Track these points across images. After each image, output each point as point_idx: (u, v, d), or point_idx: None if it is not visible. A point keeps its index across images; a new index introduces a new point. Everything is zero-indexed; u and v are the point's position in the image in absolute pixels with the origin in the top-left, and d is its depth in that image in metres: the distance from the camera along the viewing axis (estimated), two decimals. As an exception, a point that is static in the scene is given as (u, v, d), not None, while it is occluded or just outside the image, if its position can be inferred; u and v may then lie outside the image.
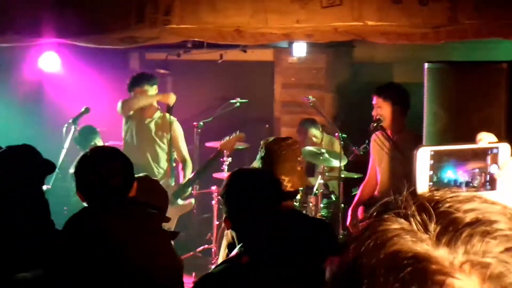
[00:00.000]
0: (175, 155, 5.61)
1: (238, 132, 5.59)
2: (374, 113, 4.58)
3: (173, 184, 5.70)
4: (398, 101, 4.50)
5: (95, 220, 2.55)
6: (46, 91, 6.97)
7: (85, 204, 2.59)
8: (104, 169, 2.56)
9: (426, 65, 3.47)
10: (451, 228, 0.81)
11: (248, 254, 2.33)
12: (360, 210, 4.85)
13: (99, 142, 5.86)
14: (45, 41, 4.70)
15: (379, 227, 0.85)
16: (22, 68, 6.49)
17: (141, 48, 7.58)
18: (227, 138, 5.62)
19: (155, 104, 5.57)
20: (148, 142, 5.58)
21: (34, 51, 6.16)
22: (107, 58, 7.16)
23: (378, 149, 4.72)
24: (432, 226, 0.83)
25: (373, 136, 4.76)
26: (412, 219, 0.85)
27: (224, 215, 2.47)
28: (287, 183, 3.00)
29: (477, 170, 1.25)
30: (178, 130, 5.62)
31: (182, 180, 5.71)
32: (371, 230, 0.85)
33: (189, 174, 5.67)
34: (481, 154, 1.25)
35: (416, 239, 0.81)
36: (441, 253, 0.79)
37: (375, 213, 0.89)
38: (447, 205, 0.84)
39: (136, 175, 2.87)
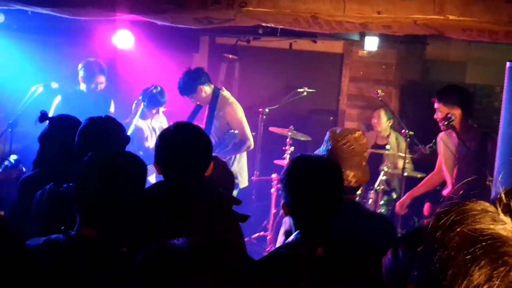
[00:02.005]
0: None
1: None
2: (435, 116, 4.56)
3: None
4: (455, 104, 4.46)
5: (168, 195, 2.55)
6: (118, 67, 7.12)
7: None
8: (184, 146, 2.53)
9: (508, 64, 3.35)
10: None
11: (306, 242, 2.29)
12: (427, 206, 4.80)
13: (162, 109, 5.90)
14: (122, 16, 4.78)
15: (461, 206, 0.84)
16: (97, 44, 6.64)
17: (212, 32, 7.63)
18: None
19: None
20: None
21: (108, 28, 6.30)
22: (178, 40, 7.24)
23: (444, 149, 4.67)
24: None
25: (440, 135, 4.73)
26: (497, 202, 0.84)
27: (282, 201, 2.43)
28: (352, 178, 2.92)
29: None
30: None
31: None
32: (452, 208, 0.85)
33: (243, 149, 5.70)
34: None
35: (497, 220, 0.81)
36: None
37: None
38: None
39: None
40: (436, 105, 4.58)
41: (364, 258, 2.31)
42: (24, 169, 4.64)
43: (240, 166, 5.80)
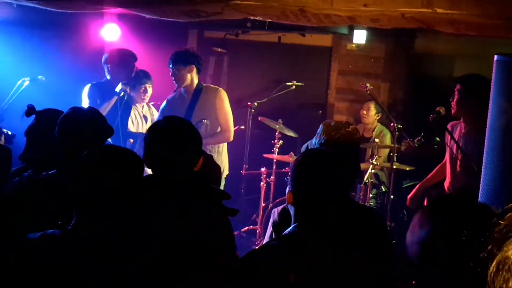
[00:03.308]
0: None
1: None
2: (451, 99, 4.49)
3: None
4: (472, 93, 4.37)
5: (166, 193, 2.51)
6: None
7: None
8: (174, 140, 2.51)
9: (496, 57, 3.35)
10: None
11: (305, 232, 2.29)
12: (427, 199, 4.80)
13: (149, 87, 5.74)
14: (110, 10, 4.75)
15: None
16: (84, 38, 6.60)
17: (200, 26, 7.60)
18: None
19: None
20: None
21: (96, 22, 6.25)
22: (167, 34, 7.20)
23: (450, 140, 4.62)
24: None
25: (449, 125, 4.68)
26: None
27: (288, 189, 2.39)
28: None
29: None
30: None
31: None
32: None
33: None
34: None
35: None
36: None
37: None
38: None
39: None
40: (456, 89, 4.48)
41: (354, 251, 2.31)
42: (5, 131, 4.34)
43: (224, 155, 5.72)
